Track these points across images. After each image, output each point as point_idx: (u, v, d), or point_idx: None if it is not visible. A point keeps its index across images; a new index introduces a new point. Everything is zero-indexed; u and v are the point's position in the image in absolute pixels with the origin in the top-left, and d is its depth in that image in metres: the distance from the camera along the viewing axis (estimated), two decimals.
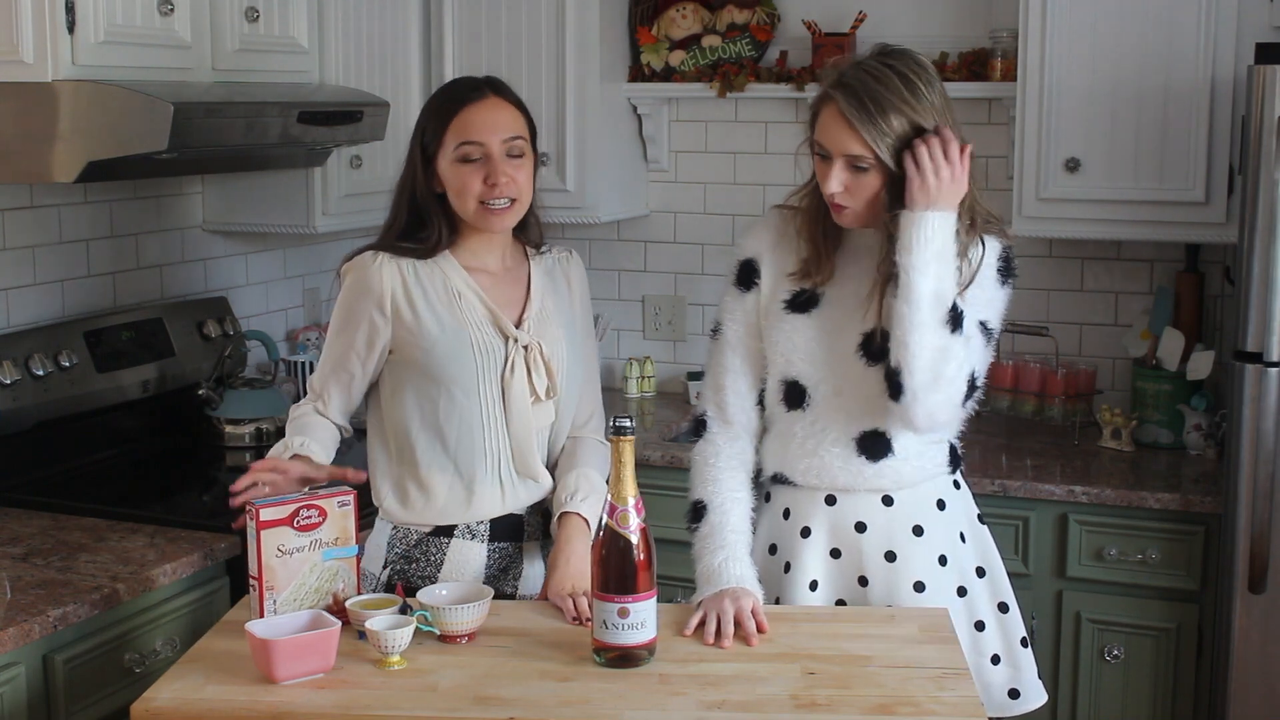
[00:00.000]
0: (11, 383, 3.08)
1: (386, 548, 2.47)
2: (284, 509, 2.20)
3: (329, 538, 2.25)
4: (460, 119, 2.38)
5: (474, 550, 2.44)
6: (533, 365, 2.42)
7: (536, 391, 2.43)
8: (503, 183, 2.36)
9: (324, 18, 3.51)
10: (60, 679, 2.46)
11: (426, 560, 2.44)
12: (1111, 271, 3.81)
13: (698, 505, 2.43)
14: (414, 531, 2.45)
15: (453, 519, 2.43)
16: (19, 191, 3.21)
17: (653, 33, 4.04)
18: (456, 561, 2.43)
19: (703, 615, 2.23)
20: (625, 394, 4.18)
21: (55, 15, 2.74)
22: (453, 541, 2.44)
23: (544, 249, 2.55)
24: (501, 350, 2.41)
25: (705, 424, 2.48)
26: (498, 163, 2.37)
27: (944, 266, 2.24)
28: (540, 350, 2.43)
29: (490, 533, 2.45)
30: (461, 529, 2.44)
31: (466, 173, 2.37)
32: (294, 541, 2.21)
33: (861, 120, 2.23)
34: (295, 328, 4.08)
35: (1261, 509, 3.05)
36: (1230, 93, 3.32)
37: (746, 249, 2.48)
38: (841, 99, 2.25)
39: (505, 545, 2.46)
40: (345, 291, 2.43)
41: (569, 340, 2.49)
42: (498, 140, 2.37)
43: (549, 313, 2.48)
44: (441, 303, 2.40)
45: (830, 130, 2.28)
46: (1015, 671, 2.45)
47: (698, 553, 2.38)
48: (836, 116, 2.26)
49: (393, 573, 2.45)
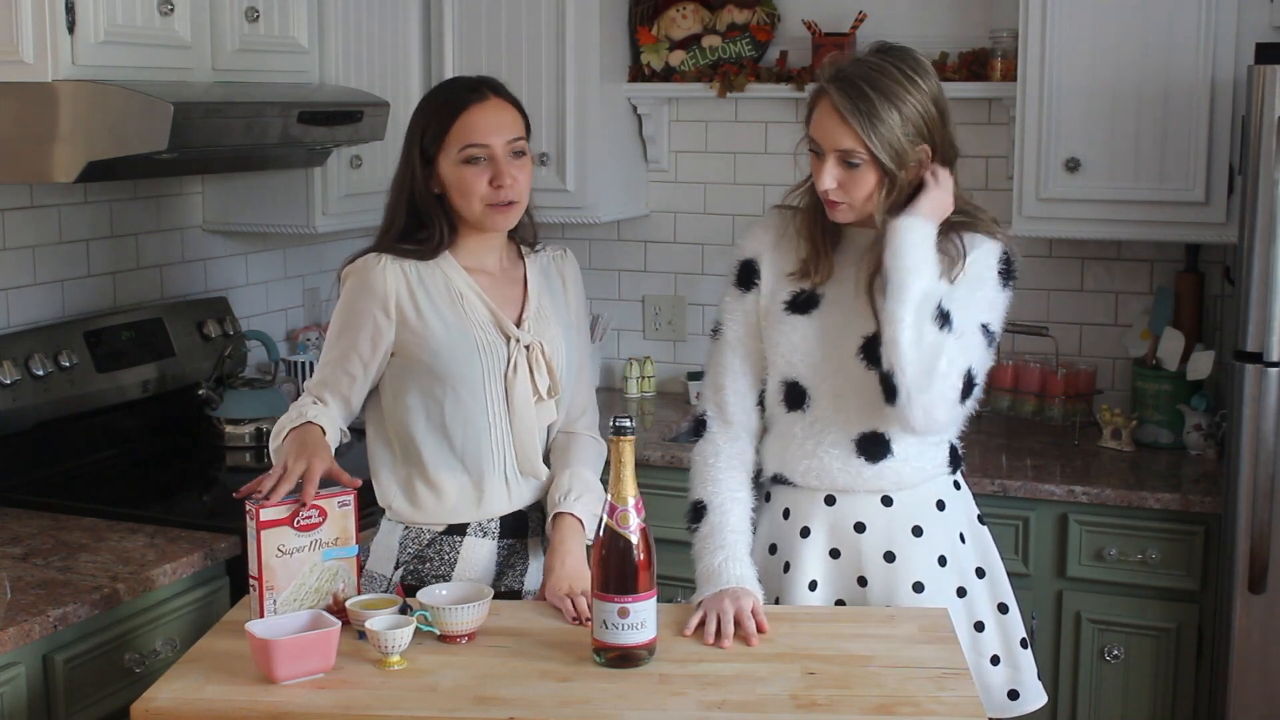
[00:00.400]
0: (11, 383, 3.08)
1: (398, 548, 2.47)
2: (284, 509, 2.20)
3: (329, 538, 2.25)
4: (463, 121, 2.38)
5: (485, 547, 2.46)
6: (534, 364, 2.43)
7: (539, 390, 2.44)
8: (508, 184, 2.37)
9: (324, 18, 3.51)
10: (60, 679, 2.46)
11: (440, 559, 2.45)
12: (1111, 271, 3.81)
13: (698, 505, 2.43)
14: (426, 531, 2.46)
15: (465, 517, 2.45)
16: (19, 191, 3.21)
17: (653, 33, 4.04)
18: (469, 559, 2.44)
19: (703, 615, 2.23)
20: (625, 394, 4.18)
21: (55, 15, 2.74)
22: (465, 540, 2.45)
23: (539, 248, 2.56)
24: (504, 350, 2.42)
25: (705, 424, 2.48)
26: (503, 164, 2.38)
27: (932, 267, 2.26)
28: (541, 349, 2.44)
29: (500, 530, 2.46)
30: (474, 527, 2.45)
31: (471, 174, 2.37)
32: (294, 541, 2.21)
33: (855, 114, 2.23)
34: (295, 328, 4.08)
35: (1261, 509, 3.05)
36: (1230, 93, 3.32)
37: (746, 249, 2.48)
38: (835, 93, 2.26)
39: (513, 541, 2.48)
40: (347, 293, 2.43)
41: (566, 339, 2.50)
42: (502, 142, 2.38)
43: (546, 312, 2.49)
44: (445, 304, 2.41)
45: (823, 125, 2.28)
46: (1015, 672, 2.45)
47: (698, 553, 2.38)
48: (830, 111, 2.27)
49: (405, 572, 2.45)
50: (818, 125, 2.29)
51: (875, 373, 2.33)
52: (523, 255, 2.54)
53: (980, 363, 2.34)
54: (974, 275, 2.33)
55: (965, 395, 2.30)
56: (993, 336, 2.37)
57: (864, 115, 2.23)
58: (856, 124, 2.23)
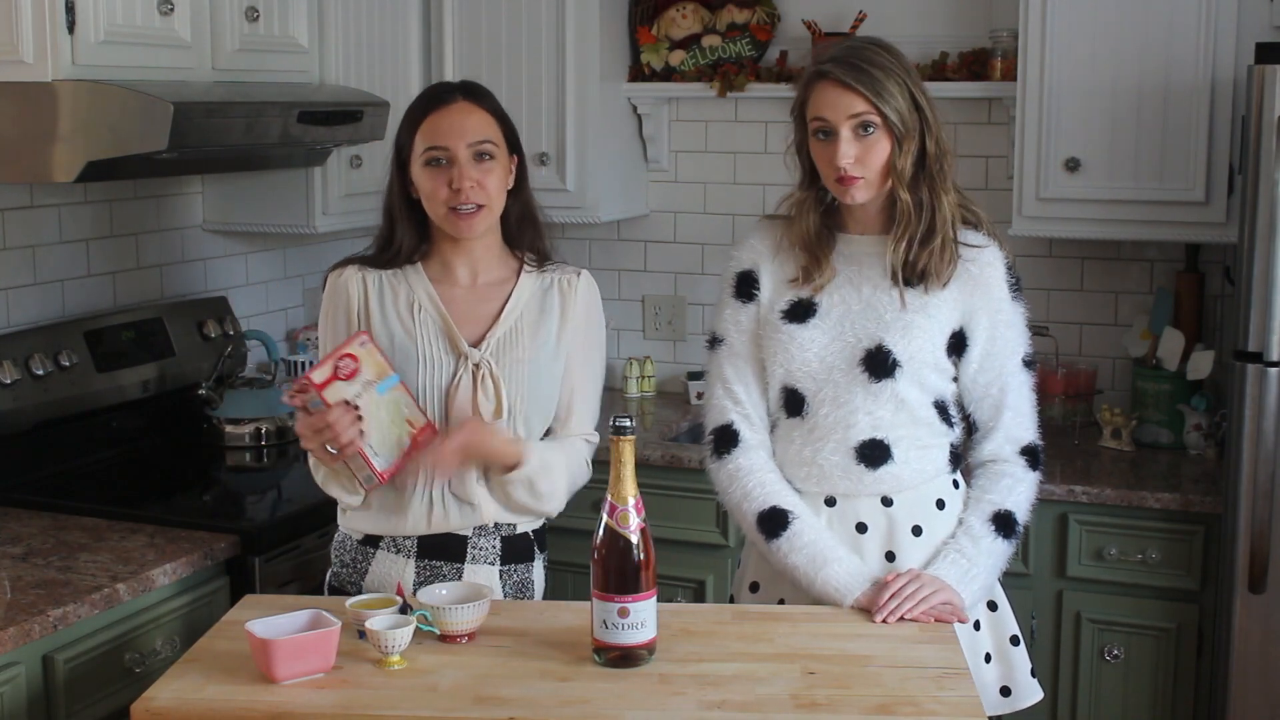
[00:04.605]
0: (11, 383, 3.08)
1: (333, 550, 2.51)
2: (323, 370, 2.26)
3: (373, 375, 2.29)
4: (428, 123, 2.39)
5: (399, 564, 2.43)
6: (480, 384, 2.39)
7: (481, 412, 2.38)
8: (466, 187, 2.35)
9: (324, 18, 3.51)
10: (60, 679, 2.46)
11: (354, 568, 2.46)
12: (1111, 271, 3.81)
13: (775, 513, 2.36)
14: (349, 538, 2.48)
15: (380, 530, 2.44)
16: (19, 191, 3.21)
17: (653, 32, 4.04)
18: (379, 573, 2.43)
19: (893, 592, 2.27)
20: (625, 394, 4.18)
21: (55, 15, 2.74)
22: (378, 553, 2.45)
23: (550, 266, 2.50)
24: (450, 366, 2.39)
25: (736, 434, 2.43)
26: (462, 167, 2.35)
27: (990, 577, 2.40)
28: (490, 370, 2.39)
29: (418, 549, 2.43)
30: (386, 541, 2.44)
31: (433, 177, 2.37)
32: (351, 390, 2.26)
33: (861, 81, 2.27)
34: (295, 328, 4.08)
35: (1261, 509, 3.05)
36: (1230, 93, 3.32)
37: (743, 260, 2.47)
38: (835, 68, 2.29)
39: (438, 564, 2.43)
40: (323, 303, 2.48)
41: (538, 366, 2.43)
42: (463, 144, 2.36)
43: (521, 334, 2.43)
44: (399, 315, 2.41)
45: (829, 100, 2.29)
46: (1007, 669, 2.45)
47: (810, 559, 2.33)
48: (834, 85, 2.29)
49: (333, 575, 2.49)
50: (822, 103, 2.30)
51: (878, 385, 2.34)
52: (522, 271, 2.48)
53: (1032, 399, 2.45)
54: (984, 291, 2.37)
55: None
56: (1033, 363, 2.44)
57: (871, 80, 2.27)
58: (864, 88, 2.26)
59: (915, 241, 2.33)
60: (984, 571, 2.35)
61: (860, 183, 2.31)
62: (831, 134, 2.29)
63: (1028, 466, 2.42)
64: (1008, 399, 2.41)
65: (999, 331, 2.39)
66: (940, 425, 2.40)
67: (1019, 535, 2.41)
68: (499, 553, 2.44)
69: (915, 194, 2.32)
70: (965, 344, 2.38)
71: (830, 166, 2.31)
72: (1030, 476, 2.43)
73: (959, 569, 2.33)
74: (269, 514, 3.13)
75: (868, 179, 2.30)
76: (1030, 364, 2.43)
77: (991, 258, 2.39)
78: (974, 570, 2.33)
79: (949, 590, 2.28)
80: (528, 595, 2.50)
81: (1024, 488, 2.41)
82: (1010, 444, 2.42)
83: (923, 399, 2.37)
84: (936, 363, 2.37)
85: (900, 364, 2.34)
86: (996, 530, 2.37)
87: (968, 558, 2.34)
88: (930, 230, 2.33)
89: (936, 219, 2.33)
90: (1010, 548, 2.39)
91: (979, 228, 2.41)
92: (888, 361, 2.33)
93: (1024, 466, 2.42)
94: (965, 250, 2.37)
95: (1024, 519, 2.41)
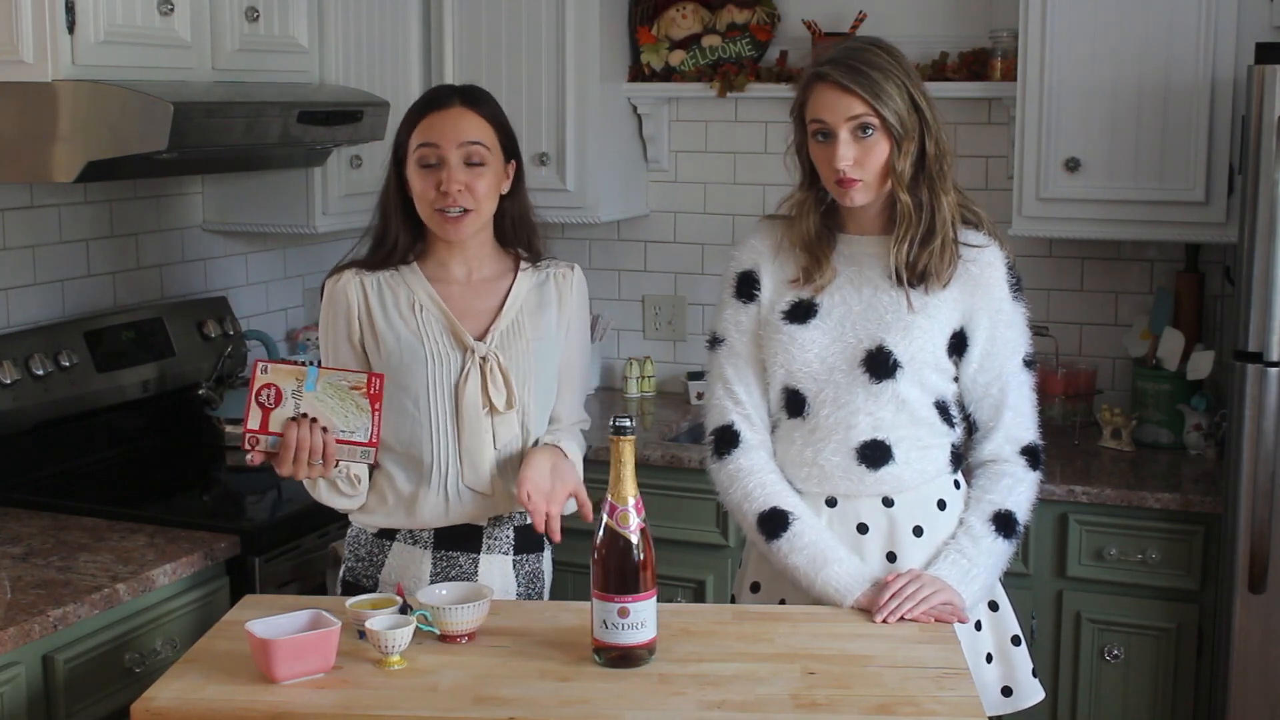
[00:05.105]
0: (11, 383, 3.08)
1: (349, 546, 2.52)
2: (254, 415, 2.27)
3: (294, 384, 2.29)
4: (423, 125, 2.40)
5: (416, 556, 2.45)
6: (489, 377, 2.41)
7: (493, 403, 2.41)
8: (454, 190, 2.36)
9: (324, 18, 3.51)
10: (60, 679, 2.47)
11: (370, 561, 2.47)
12: (1111, 271, 3.81)
13: (776, 514, 2.37)
14: (364, 532, 2.49)
15: (396, 524, 2.45)
16: (19, 191, 3.21)
17: (653, 33, 4.04)
18: (396, 566, 2.45)
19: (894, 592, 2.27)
20: (625, 394, 4.18)
21: (55, 15, 2.74)
22: (394, 545, 2.46)
23: (543, 263, 2.53)
24: (457, 360, 2.41)
25: (736, 435, 2.43)
26: (451, 170, 2.37)
27: (991, 577, 2.40)
28: (498, 362, 2.41)
29: (435, 540, 2.45)
30: (403, 534, 2.46)
31: (423, 177, 2.39)
32: (289, 408, 2.28)
33: (859, 83, 2.27)
34: (295, 328, 4.08)
35: (1261, 509, 3.05)
36: (1230, 93, 3.32)
37: (744, 260, 2.47)
38: (833, 70, 2.29)
39: (455, 554, 2.45)
40: (323, 308, 2.50)
41: (542, 355, 2.47)
42: (453, 146, 2.37)
43: (522, 327, 2.46)
44: (401, 315, 2.42)
45: (827, 102, 2.29)
46: (1008, 669, 2.45)
47: (811, 560, 2.33)
48: (832, 87, 2.29)
49: (347, 570, 2.50)
50: (821, 105, 2.30)
51: (879, 385, 2.34)
52: (518, 268, 2.51)
53: (1032, 399, 2.45)
54: (985, 291, 2.37)
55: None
56: (1033, 362, 2.44)
57: (869, 82, 2.27)
58: (862, 90, 2.26)
59: (915, 242, 2.33)
60: (984, 571, 2.35)
61: (859, 185, 2.31)
62: (830, 136, 2.30)
63: (1028, 466, 2.42)
64: (1008, 399, 2.41)
65: (999, 331, 2.39)
66: (941, 425, 2.40)
67: (1019, 535, 2.41)
68: (513, 542, 2.48)
69: (915, 195, 2.32)
70: (966, 344, 2.38)
71: (829, 168, 2.31)
72: (1031, 476, 2.42)
73: (959, 569, 2.32)
74: (269, 514, 3.13)
75: (866, 181, 2.30)
76: (1031, 364, 2.43)
77: (992, 258, 2.39)
78: (974, 570, 2.33)
79: (949, 590, 2.28)
80: (539, 585, 2.52)
81: (1024, 488, 2.41)
82: (1010, 444, 2.42)
83: (924, 399, 2.37)
84: (937, 363, 2.37)
85: (901, 364, 2.34)
86: (997, 530, 2.36)
87: (968, 558, 2.34)
88: (930, 231, 2.33)
89: (936, 219, 2.33)
90: (1011, 548, 2.39)
91: (979, 228, 2.42)
92: (889, 362, 2.33)
93: (1024, 466, 2.42)
94: (966, 250, 2.37)
95: (1024, 519, 2.41)
